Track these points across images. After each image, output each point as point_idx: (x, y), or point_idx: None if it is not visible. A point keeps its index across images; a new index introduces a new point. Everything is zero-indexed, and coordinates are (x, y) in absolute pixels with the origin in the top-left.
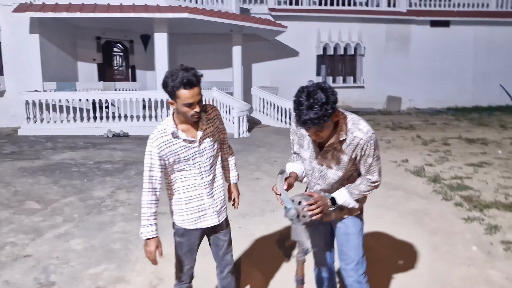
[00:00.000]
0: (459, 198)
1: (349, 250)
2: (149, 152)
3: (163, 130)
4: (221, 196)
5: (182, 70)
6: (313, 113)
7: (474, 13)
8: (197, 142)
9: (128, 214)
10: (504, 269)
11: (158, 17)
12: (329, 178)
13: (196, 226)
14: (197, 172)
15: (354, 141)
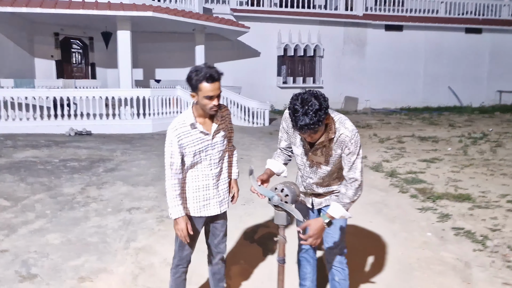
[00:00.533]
0: (414, 190)
1: (335, 234)
2: (170, 141)
3: (182, 121)
4: (224, 188)
5: (206, 67)
6: (309, 119)
7: (425, 18)
8: (210, 136)
9: (101, 210)
10: (455, 251)
11: (122, 15)
12: (319, 172)
13: (200, 214)
14: (207, 163)
15: (340, 138)
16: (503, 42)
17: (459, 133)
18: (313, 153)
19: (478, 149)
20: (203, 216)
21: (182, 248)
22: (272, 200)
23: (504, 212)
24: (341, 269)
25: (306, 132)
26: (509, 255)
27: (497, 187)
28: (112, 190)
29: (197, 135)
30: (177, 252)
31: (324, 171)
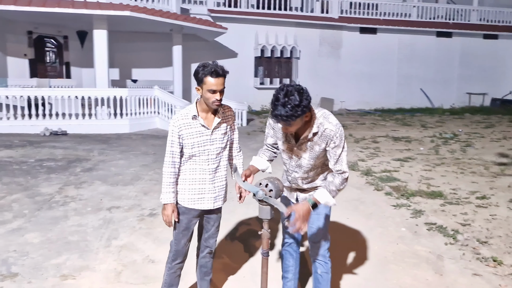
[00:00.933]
0: (388, 188)
1: (319, 228)
2: (171, 131)
3: (185, 114)
4: (221, 186)
5: (213, 63)
6: (284, 111)
7: (398, 22)
8: (210, 130)
9: (81, 209)
10: (428, 245)
11: (99, 13)
12: (303, 166)
13: (193, 206)
14: (205, 158)
15: (325, 132)
16: (472, 45)
17: (431, 133)
18: (298, 148)
19: (449, 149)
20: (196, 208)
21: (177, 241)
22: (256, 195)
23: (473, 208)
24: (324, 263)
25: (279, 121)
26: (478, 248)
27: (467, 184)
28: (91, 189)
29: (197, 128)
30: (173, 245)
31: (308, 165)
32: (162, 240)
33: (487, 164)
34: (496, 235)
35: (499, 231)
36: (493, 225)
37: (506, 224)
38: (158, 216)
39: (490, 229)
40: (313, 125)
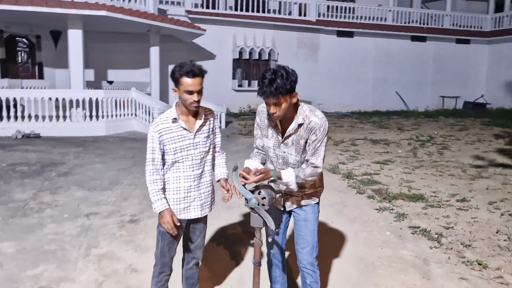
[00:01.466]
0: (370, 191)
1: (307, 235)
2: (151, 137)
3: (165, 118)
4: (207, 192)
5: (190, 63)
6: (274, 84)
7: (374, 25)
8: (192, 134)
9: (57, 216)
10: (413, 249)
11: (74, 13)
12: (290, 163)
13: (179, 217)
14: (189, 164)
15: (310, 125)
16: (445, 50)
17: (408, 136)
18: (284, 144)
19: (426, 151)
20: (183, 219)
21: (163, 253)
22: (249, 203)
23: (455, 210)
24: (313, 272)
25: (269, 97)
26: (463, 251)
27: (447, 187)
28: (68, 195)
29: (178, 132)
30: (159, 258)
31: (295, 162)
32: (144, 248)
33: (464, 166)
34: (479, 238)
35: (481, 234)
36: (475, 228)
37: (488, 227)
38: (139, 223)
39: (473, 232)
40: (298, 116)
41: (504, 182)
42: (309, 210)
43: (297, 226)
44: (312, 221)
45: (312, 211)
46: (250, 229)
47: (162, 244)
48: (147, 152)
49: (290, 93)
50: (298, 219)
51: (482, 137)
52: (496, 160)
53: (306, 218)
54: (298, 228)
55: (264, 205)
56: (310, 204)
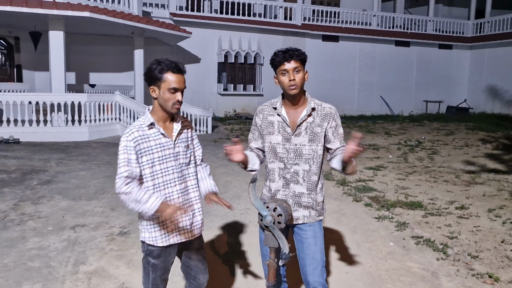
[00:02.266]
0: (367, 199)
1: (316, 254)
2: (124, 147)
3: (139, 125)
4: (195, 209)
5: (169, 60)
6: (292, 50)
7: (359, 30)
8: (172, 142)
9: (40, 228)
10: (419, 260)
11: (55, 14)
12: (305, 155)
13: (169, 242)
14: (170, 178)
15: (324, 110)
16: (428, 54)
17: (396, 140)
18: (297, 135)
19: (417, 156)
20: (172, 243)
21: (156, 286)
22: (264, 220)
23: (456, 219)
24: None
25: (291, 57)
26: (471, 263)
27: (443, 193)
28: (51, 205)
29: (157, 141)
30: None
31: (310, 152)
32: (137, 264)
33: (457, 172)
34: (485, 248)
35: (487, 243)
36: (479, 237)
37: (492, 236)
38: (129, 235)
39: (478, 242)
40: (310, 102)
41: (500, 188)
42: (317, 226)
43: (305, 243)
44: (321, 238)
45: (319, 227)
46: (251, 240)
47: (153, 276)
48: (118, 165)
49: (304, 66)
50: (306, 236)
51: (469, 141)
52: (487, 165)
53: (315, 235)
54: (306, 246)
55: (280, 223)
56: (318, 219)
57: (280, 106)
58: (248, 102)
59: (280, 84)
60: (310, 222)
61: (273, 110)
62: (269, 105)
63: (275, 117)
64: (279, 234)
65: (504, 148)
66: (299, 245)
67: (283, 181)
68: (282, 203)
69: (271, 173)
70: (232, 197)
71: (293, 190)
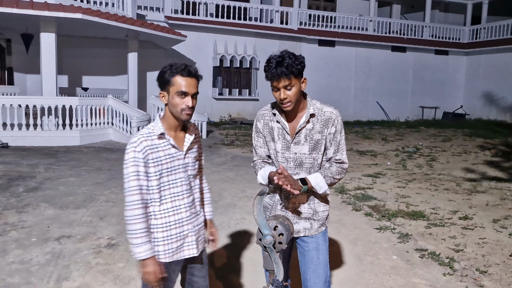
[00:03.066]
0: (367, 208)
1: (319, 267)
2: (133, 159)
3: (148, 133)
4: (200, 224)
5: (183, 63)
6: (284, 64)
7: (355, 35)
8: (183, 153)
9: (23, 240)
10: (425, 276)
11: (47, 15)
12: (305, 164)
13: (172, 259)
14: (179, 191)
15: (325, 115)
16: (424, 60)
17: (393, 147)
18: (295, 142)
19: (415, 163)
20: (176, 260)
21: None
22: (263, 240)
23: (460, 230)
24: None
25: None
26: (480, 279)
27: (445, 203)
28: (36, 214)
29: (166, 151)
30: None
31: (310, 161)
32: (124, 280)
33: (458, 180)
34: (494, 262)
35: (495, 257)
36: (486, 251)
37: (499, 249)
38: (118, 247)
39: (486, 256)
40: (309, 107)
41: (502, 197)
42: (321, 238)
43: (308, 256)
44: (324, 251)
45: (323, 239)
46: (247, 253)
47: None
48: (127, 179)
49: (300, 76)
50: (308, 249)
51: (467, 148)
52: (488, 173)
53: (318, 248)
54: (308, 260)
55: (282, 243)
56: (321, 230)
57: (279, 111)
58: (243, 107)
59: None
60: (312, 234)
61: (272, 116)
62: (269, 110)
63: (275, 123)
64: (276, 258)
65: (503, 155)
66: (301, 258)
67: (282, 192)
68: (284, 220)
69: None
70: (226, 206)
71: (293, 202)
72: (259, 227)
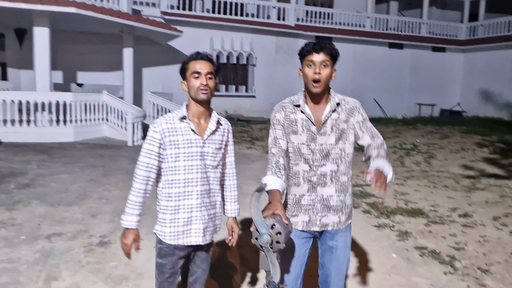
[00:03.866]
0: (365, 205)
1: (344, 266)
2: (150, 137)
3: (171, 117)
4: (213, 214)
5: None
6: (324, 43)
7: (352, 31)
8: (202, 140)
9: (12, 238)
10: (426, 275)
11: (40, 9)
12: (331, 154)
13: (177, 242)
14: (194, 177)
15: (349, 105)
16: (422, 57)
17: (390, 144)
18: (322, 134)
19: (413, 160)
20: (180, 244)
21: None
22: (260, 239)
23: (460, 228)
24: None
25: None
26: (482, 278)
27: (444, 200)
28: (27, 211)
29: (185, 136)
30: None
31: (337, 151)
32: (116, 279)
33: (456, 177)
34: (495, 261)
35: (496, 255)
36: (487, 249)
37: (501, 247)
38: (110, 246)
39: (487, 254)
40: (334, 97)
41: (502, 195)
42: (348, 232)
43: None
44: (349, 248)
45: (350, 232)
46: (239, 251)
47: (160, 279)
48: (140, 154)
49: (334, 63)
50: (337, 247)
51: (465, 145)
52: (486, 170)
53: (345, 246)
54: (335, 258)
55: (279, 243)
56: (348, 224)
57: (303, 102)
58: (240, 103)
59: (304, 77)
60: (340, 228)
61: (295, 108)
62: (289, 103)
63: (298, 115)
64: (273, 258)
65: (501, 152)
66: (326, 254)
67: (308, 185)
68: (282, 219)
69: (295, 176)
70: None
71: (321, 194)
72: (256, 225)
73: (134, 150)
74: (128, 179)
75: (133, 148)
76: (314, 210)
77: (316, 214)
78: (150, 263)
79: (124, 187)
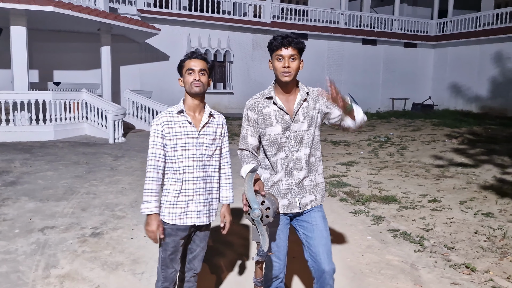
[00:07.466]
0: (342, 194)
1: (328, 239)
2: (154, 130)
3: (170, 111)
4: (209, 199)
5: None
6: (292, 37)
7: (327, 28)
8: (197, 132)
9: (6, 232)
10: (398, 253)
11: (17, 8)
12: (305, 139)
13: (175, 222)
14: (190, 165)
15: (314, 93)
16: (394, 53)
17: (365, 137)
18: (295, 121)
19: (387, 152)
20: (178, 224)
21: (165, 266)
22: (252, 214)
23: (429, 211)
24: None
25: (290, 43)
26: (448, 254)
27: (415, 187)
28: (17, 207)
29: (182, 128)
30: (161, 272)
31: (309, 136)
32: (112, 265)
33: (427, 166)
34: (460, 239)
35: (461, 235)
36: (453, 229)
37: (465, 228)
38: (103, 236)
39: (453, 234)
40: (303, 87)
41: (468, 181)
42: (322, 209)
43: (315, 231)
44: (326, 222)
45: (324, 211)
46: (227, 238)
47: (163, 256)
48: (149, 146)
49: (301, 55)
50: (316, 223)
51: (435, 137)
52: (454, 159)
53: (323, 220)
54: (318, 234)
55: (268, 217)
56: (323, 201)
57: (274, 95)
58: (218, 100)
59: (274, 69)
60: (317, 204)
61: (267, 101)
62: (261, 97)
63: (271, 107)
64: (263, 230)
65: (468, 142)
66: (308, 234)
67: (285, 171)
68: (270, 196)
69: (274, 166)
70: None
71: (298, 178)
72: (248, 201)
73: (116, 147)
74: (113, 175)
75: (115, 146)
76: (292, 193)
77: (295, 196)
78: (143, 250)
79: (110, 182)
